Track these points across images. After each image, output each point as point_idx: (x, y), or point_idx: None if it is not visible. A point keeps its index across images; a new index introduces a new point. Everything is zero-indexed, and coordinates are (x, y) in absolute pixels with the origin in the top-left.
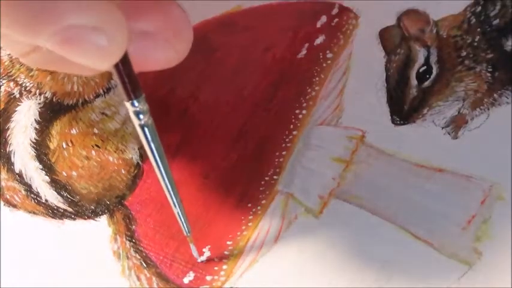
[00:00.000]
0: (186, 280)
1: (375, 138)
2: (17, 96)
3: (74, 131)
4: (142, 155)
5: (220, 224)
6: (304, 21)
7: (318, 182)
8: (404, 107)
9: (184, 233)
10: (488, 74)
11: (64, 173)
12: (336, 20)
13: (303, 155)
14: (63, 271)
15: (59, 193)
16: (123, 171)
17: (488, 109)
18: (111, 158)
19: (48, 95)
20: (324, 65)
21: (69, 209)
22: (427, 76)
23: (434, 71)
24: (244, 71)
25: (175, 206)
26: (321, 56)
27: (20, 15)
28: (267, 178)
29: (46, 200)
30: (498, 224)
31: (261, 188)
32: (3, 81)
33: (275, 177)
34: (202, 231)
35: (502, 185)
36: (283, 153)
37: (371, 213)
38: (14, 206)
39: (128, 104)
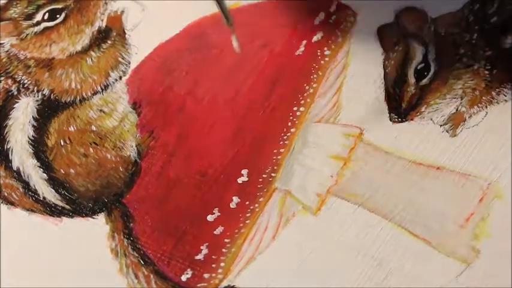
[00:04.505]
0: (184, 278)
1: (373, 136)
2: (15, 93)
3: (71, 129)
4: (140, 153)
5: (218, 221)
6: (302, 18)
7: (315, 179)
8: (402, 104)
9: (225, 22)
10: (486, 72)
11: (62, 171)
12: (334, 17)
13: (301, 153)
14: (62, 269)
15: (56, 191)
16: (121, 169)
17: (486, 107)
18: (109, 156)
19: (46, 92)
20: (322, 62)
21: (67, 207)
22: (425, 73)
23: (433, 69)
24: (242, 67)
25: None
26: (319, 53)
27: None
28: (264, 175)
29: (44, 198)
30: (496, 222)
31: (258, 186)
32: (1, 79)
33: (273, 174)
34: (200, 229)
35: (500, 183)
36: (281, 150)
37: (368, 210)
38: (12, 203)
39: None
